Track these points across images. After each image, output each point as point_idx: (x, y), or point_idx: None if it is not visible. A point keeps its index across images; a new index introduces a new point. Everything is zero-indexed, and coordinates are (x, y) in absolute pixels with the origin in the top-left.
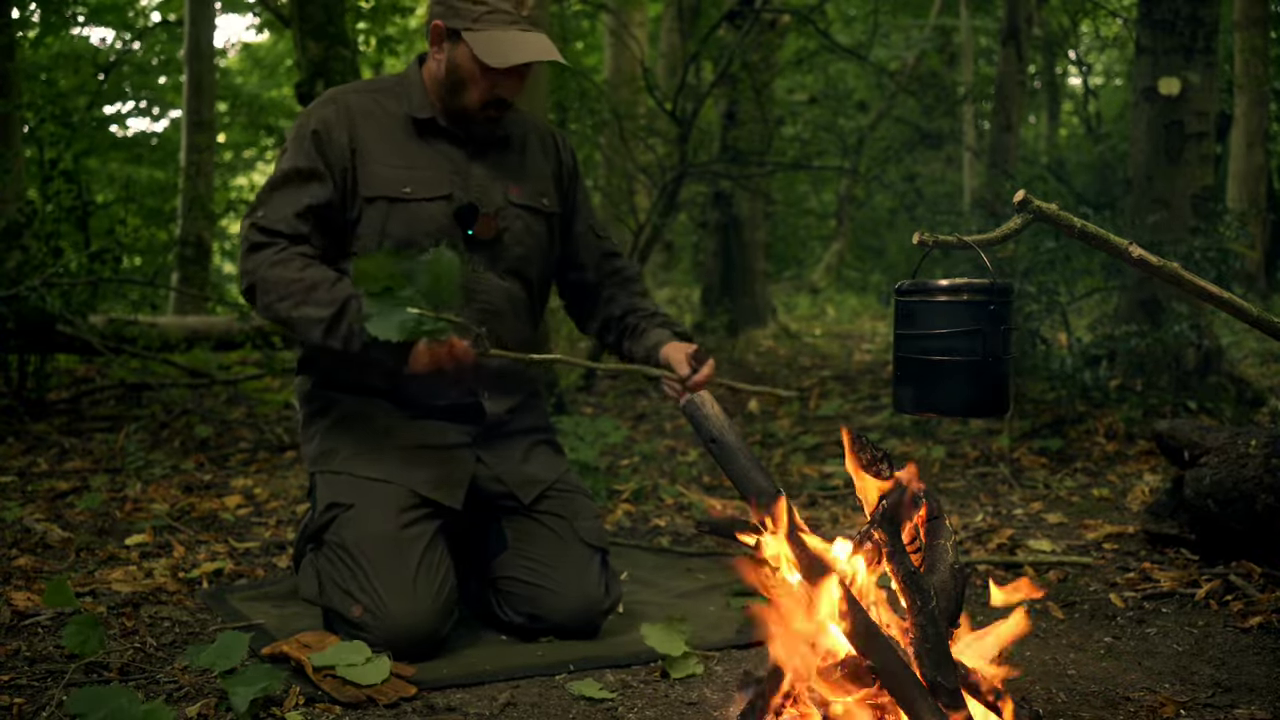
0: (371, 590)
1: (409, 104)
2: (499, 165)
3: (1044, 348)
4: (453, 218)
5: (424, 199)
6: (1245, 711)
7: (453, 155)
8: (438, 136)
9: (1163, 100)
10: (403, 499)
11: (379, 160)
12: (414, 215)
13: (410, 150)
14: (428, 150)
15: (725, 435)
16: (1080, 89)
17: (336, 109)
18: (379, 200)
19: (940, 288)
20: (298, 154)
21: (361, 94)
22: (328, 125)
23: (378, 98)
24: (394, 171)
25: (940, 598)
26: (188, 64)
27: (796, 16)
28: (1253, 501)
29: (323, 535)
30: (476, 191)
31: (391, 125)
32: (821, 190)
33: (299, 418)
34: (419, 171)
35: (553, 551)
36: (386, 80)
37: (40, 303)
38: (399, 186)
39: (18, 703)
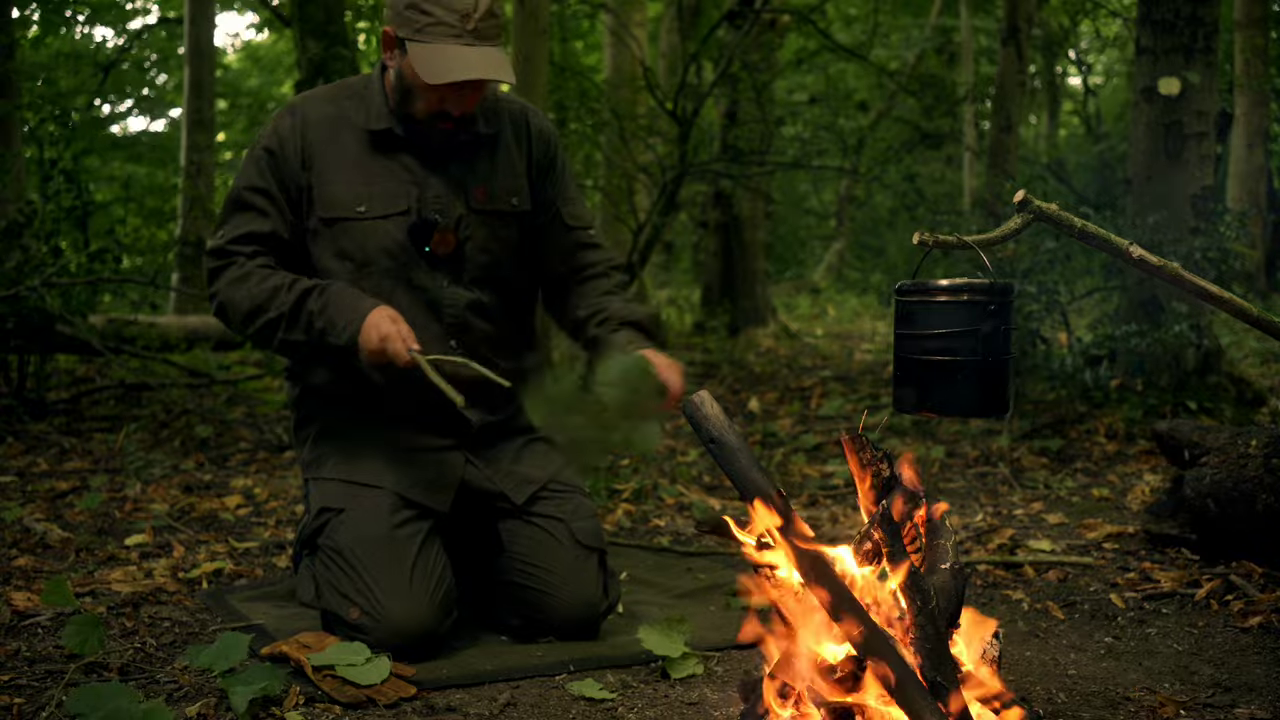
0: (368, 592)
1: (366, 115)
2: (462, 170)
3: (1044, 348)
4: (408, 234)
5: (378, 217)
6: (1245, 711)
7: (411, 166)
8: (395, 147)
9: (1163, 100)
10: (392, 502)
11: (334, 179)
12: (368, 234)
13: (367, 164)
14: (385, 163)
15: (725, 435)
16: (1080, 89)
17: (293, 123)
18: (334, 220)
19: (940, 288)
20: (252, 172)
21: (325, 102)
22: (282, 142)
23: (342, 105)
24: (349, 189)
25: (940, 598)
26: (188, 63)
27: (796, 16)
28: (1253, 501)
29: (316, 540)
30: (435, 203)
31: (350, 138)
32: (821, 190)
33: (291, 420)
34: (376, 186)
35: (549, 554)
36: (356, 83)
37: (40, 303)
38: (353, 205)
39: (18, 703)
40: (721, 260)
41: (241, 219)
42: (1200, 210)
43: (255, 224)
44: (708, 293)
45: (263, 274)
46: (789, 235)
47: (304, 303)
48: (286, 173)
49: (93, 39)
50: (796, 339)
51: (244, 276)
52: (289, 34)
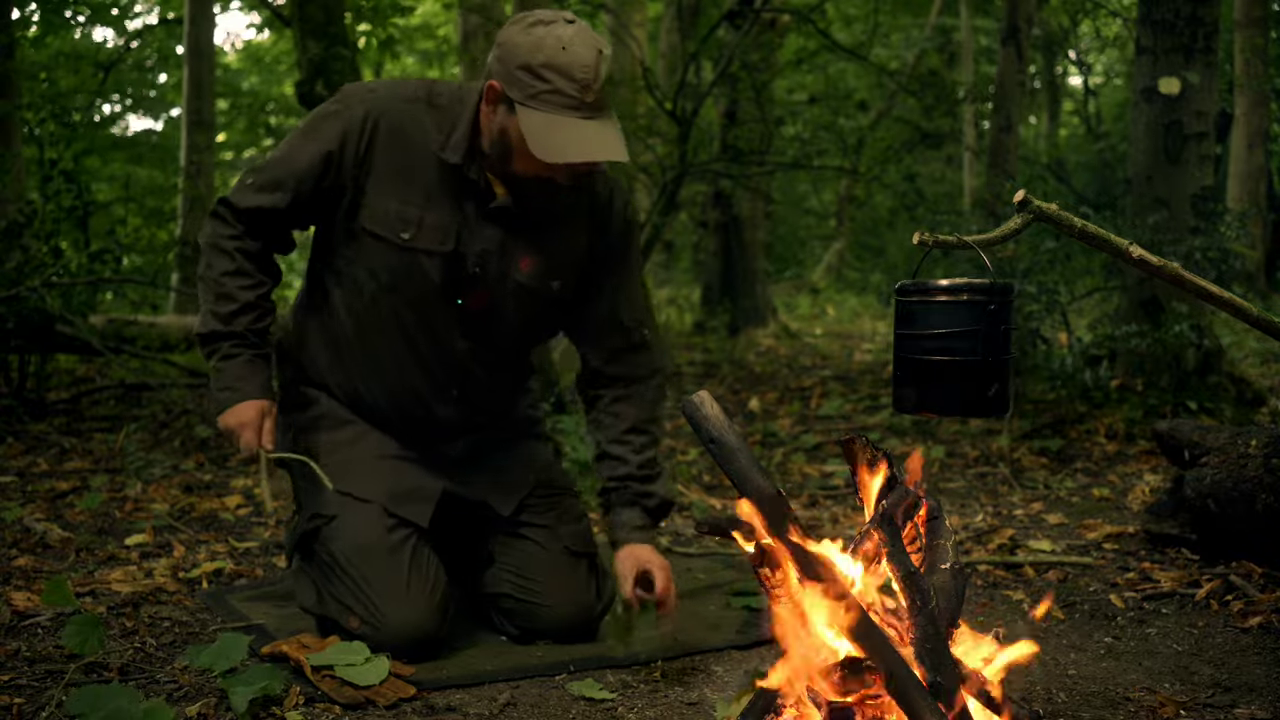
0: (366, 600)
1: (444, 141)
2: (518, 231)
3: (1044, 348)
4: (450, 278)
5: (421, 250)
6: (1245, 711)
7: (469, 209)
8: (463, 183)
9: (1163, 100)
10: (379, 510)
11: (389, 193)
12: (407, 265)
13: (426, 189)
14: (444, 195)
15: (725, 436)
16: (1080, 89)
17: (364, 123)
18: (374, 236)
19: (940, 288)
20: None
21: (405, 106)
22: (344, 142)
23: (421, 116)
24: (399, 208)
25: (940, 598)
26: (187, 63)
27: (796, 16)
28: (1253, 501)
29: (310, 544)
30: (479, 257)
31: (419, 156)
32: (821, 190)
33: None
34: (428, 214)
35: (539, 564)
36: (447, 95)
37: (40, 303)
38: (397, 229)
39: (17, 703)
40: (721, 260)
41: (268, 196)
42: (1200, 210)
43: (277, 202)
44: (708, 292)
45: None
46: (789, 235)
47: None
48: (337, 174)
49: (93, 39)
50: (796, 339)
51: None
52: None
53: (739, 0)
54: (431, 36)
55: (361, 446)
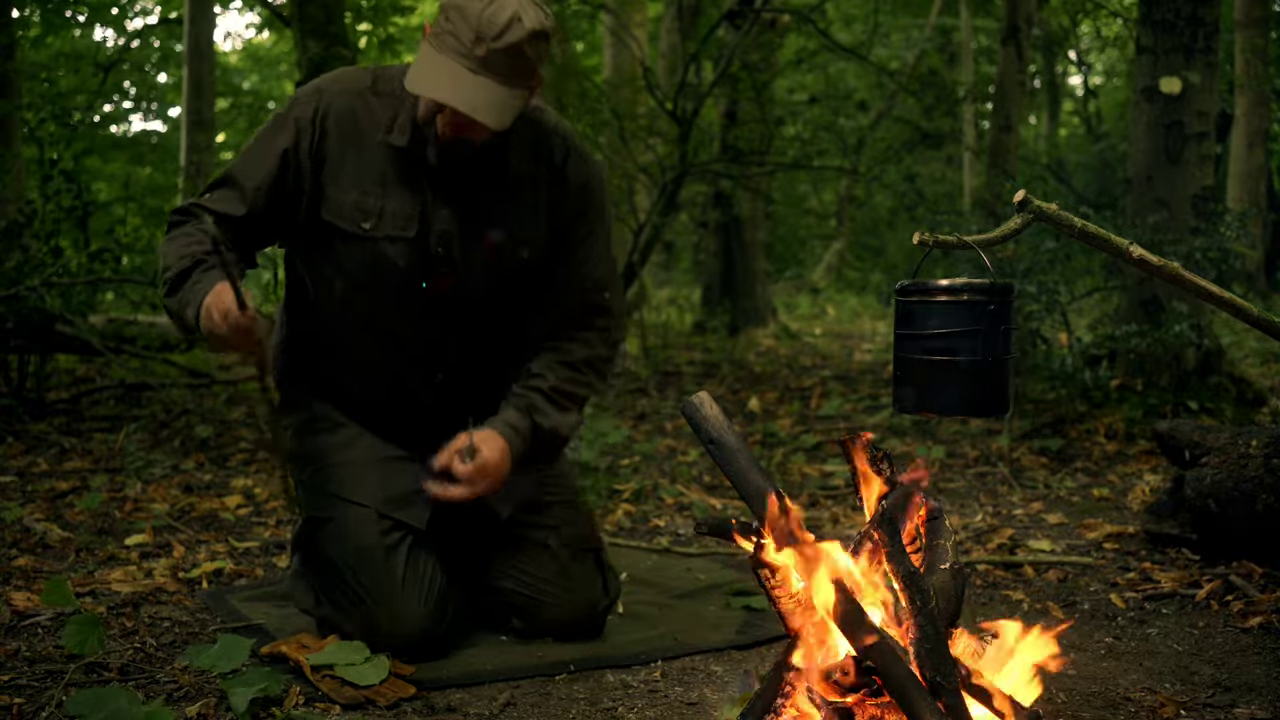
0: (362, 603)
1: (391, 124)
2: (478, 208)
3: (1044, 348)
4: (417, 263)
5: (382, 237)
6: (1245, 711)
7: (425, 190)
8: (414, 166)
9: (1163, 100)
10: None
11: (346, 186)
12: (370, 254)
13: (382, 177)
14: (400, 179)
15: (724, 436)
16: (1080, 89)
17: (314, 116)
18: (336, 230)
19: (940, 288)
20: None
21: (353, 96)
22: (299, 137)
23: (370, 104)
24: (359, 200)
25: (940, 598)
26: (187, 62)
27: (796, 16)
28: (1253, 501)
29: (309, 546)
30: (441, 238)
31: (370, 143)
32: (821, 190)
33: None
34: (388, 203)
35: (544, 561)
36: (390, 78)
37: (40, 302)
38: (359, 221)
39: (17, 703)
40: (721, 260)
41: (223, 196)
42: (1200, 210)
43: (232, 208)
44: (708, 293)
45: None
46: (789, 235)
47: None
48: (296, 173)
49: (93, 39)
50: (796, 339)
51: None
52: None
53: (739, 0)
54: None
55: (357, 449)
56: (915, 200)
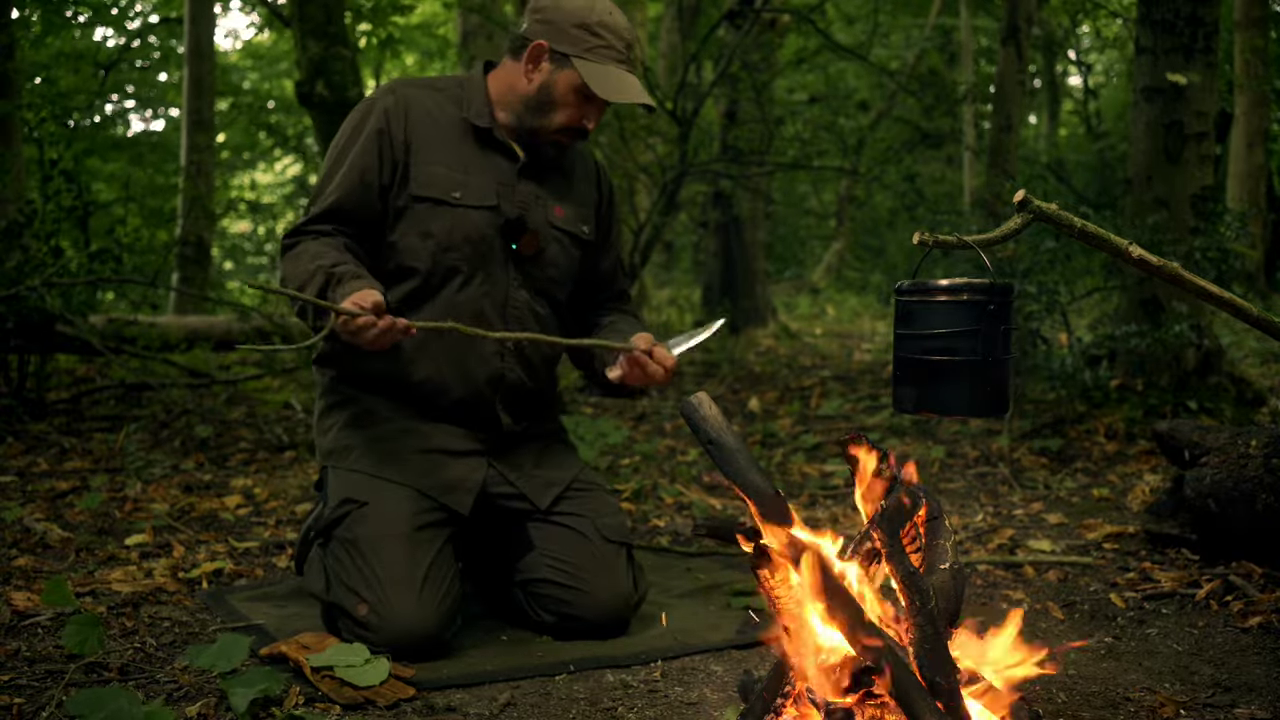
0: (379, 591)
1: (469, 109)
2: (545, 185)
3: (1044, 348)
4: (498, 229)
5: (471, 206)
6: (1245, 711)
7: (502, 168)
8: (491, 147)
9: (1163, 100)
10: (415, 501)
11: (432, 160)
12: (459, 220)
13: (463, 155)
14: (480, 158)
15: (723, 436)
16: (1080, 89)
17: (396, 100)
18: (427, 200)
19: (940, 288)
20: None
21: (422, 90)
22: (389, 120)
23: (436, 98)
24: (446, 173)
25: (940, 598)
26: (188, 62)
27: (796, 16)
28: (1253, 501)
29: (334, 531)
30: (520, 208)
31: (448, 127)
32: (821, 190)
33: (316, 408)
34: (470, 177)
35: (579, 551)
36: (446, 81)
37: (40, 303)
38: (449, 190)
39: (17, 703)
40: (721, 260)
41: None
42: (1200, 210)
43: (345, 201)
44: (708, 293)
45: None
46: (789, 235)
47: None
48: (390, 153)
49: (93, 39)
50: (796, 339)
51: (298, 255)
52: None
53: (739, 0)
54: (432, 36)
55: (404, 441)
56: (915, 200)
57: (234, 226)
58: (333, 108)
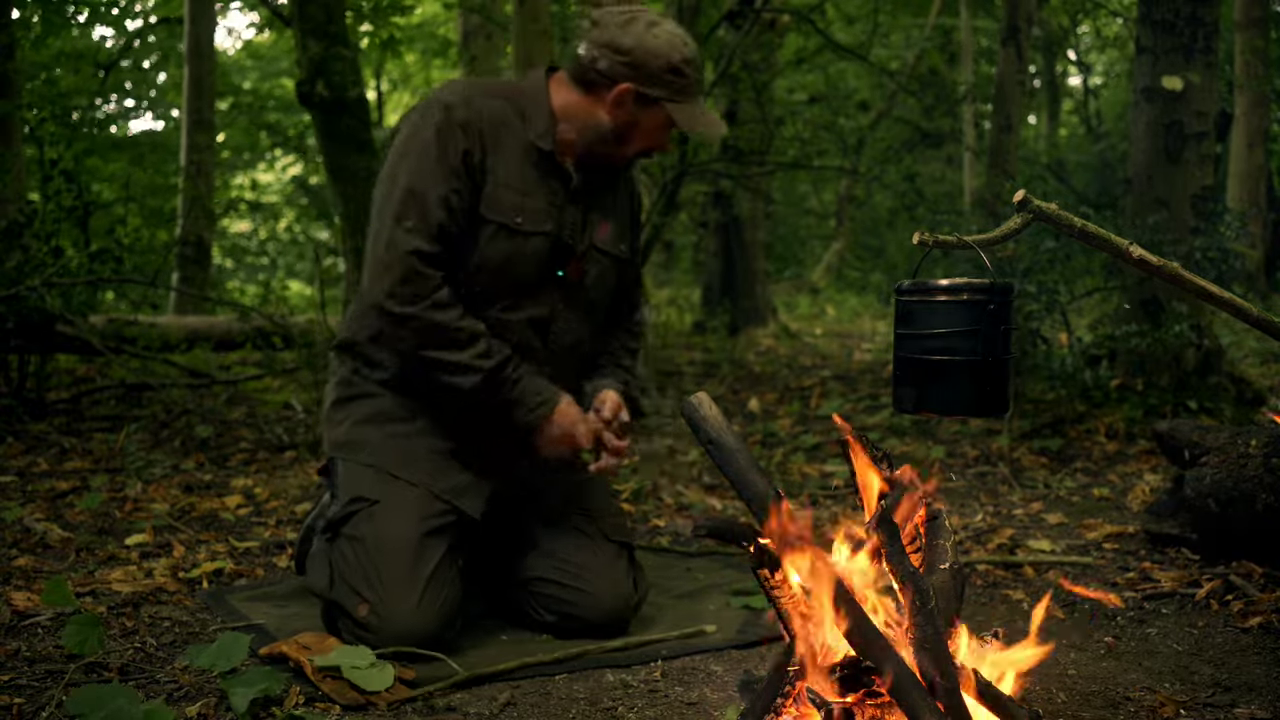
0: (381, 592)
1: (534, 130)
2: (592, 207)
3: (1044, 347)
4: (553, 255)
5: (529, 231)
6: (1245, 711)
7: (555, 190)
8: (549, 169)
9: (1163, 100)
10: (427, 504)
11: (502, 182)
12: (517, 246)
13: (525, 176)
14: (537, 180)
15: (723, 437)
16: (1080, 89)
17: (473, 114)
18: (492, 224)
19: (940, 288)
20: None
21: (494, 99)
22: (469, 139)
23: (506, 112)
24: (511, 197)
25: (940, 598)
26: (188, 62)
27: (796, 16)
28: (1253, 501)
29: (342, 527)
30: (569, 231)
31: (514, 145)
32: (821, 190)
33: (329, 397)
34: (528, 200)
35: (582, 551)
36: (510, 89)
37: (40, 302)
38: (513, 215)
39: (18, 703)
40: (721, 260)
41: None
42: (1200, 210)
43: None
44: (708, 293)
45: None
46: (789, 235)
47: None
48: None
49: (92, 38)
50: (796, 339)
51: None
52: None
53: (739, 0)
54: (432, 36)
55: (420, 441)
56: (915, 200)
57: (234, 226)
58: (332, 107)
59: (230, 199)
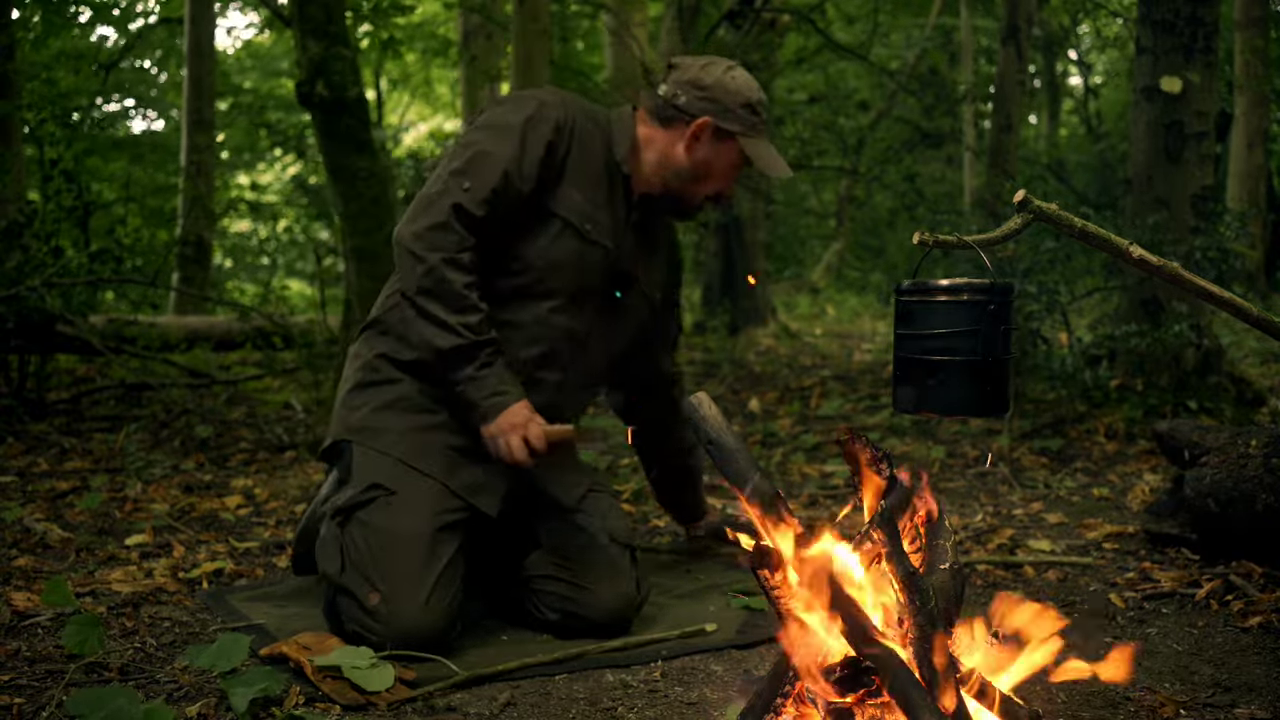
0: (390, 585)
1: (618, 151)
2: (641, 244)
3: (1044, 348)
4: (606, 271)
5: (594, 242)
6: (1245, 711)
7: (619, 216)
8: (619, 193)
9: (1163, 100)
10: (442, 499)
11: (577, 184)
12: (581, 252)
13: (600, 191)
14: (608, 199)
15: (723, 437)
16: (1080, 89)
17: (567, 116)
18: (561, 220)
19: (940, 288)
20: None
21: (585, 115)
22: (559, 134)
23: (594, 128)
24: (583, 204)
25: (940, 598)
26: (188, 63)
27: (796, 16)
28: (1253, 501)
29: (356, 513)
30: (628, 258)
31: (595, 160)
32: (821, 190)
33: (348, 380)
34: (599, 213)
35: (586, 551)
36: (601, 113)
37: (40, 302)
38: (583, 220)
39: (17, 703)
40: (721, 260)
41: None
42: (1200, 210)
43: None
44: (708, 293)
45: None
46: (789, 235)
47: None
48: (549, 168)
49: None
50: (796, 339)
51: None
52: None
53: (739, 0)
54: (432, 36)
55: (438, 435)
56: (915, 200)
57: (234, 226)
58: (332, 107)
59: (230, 199)
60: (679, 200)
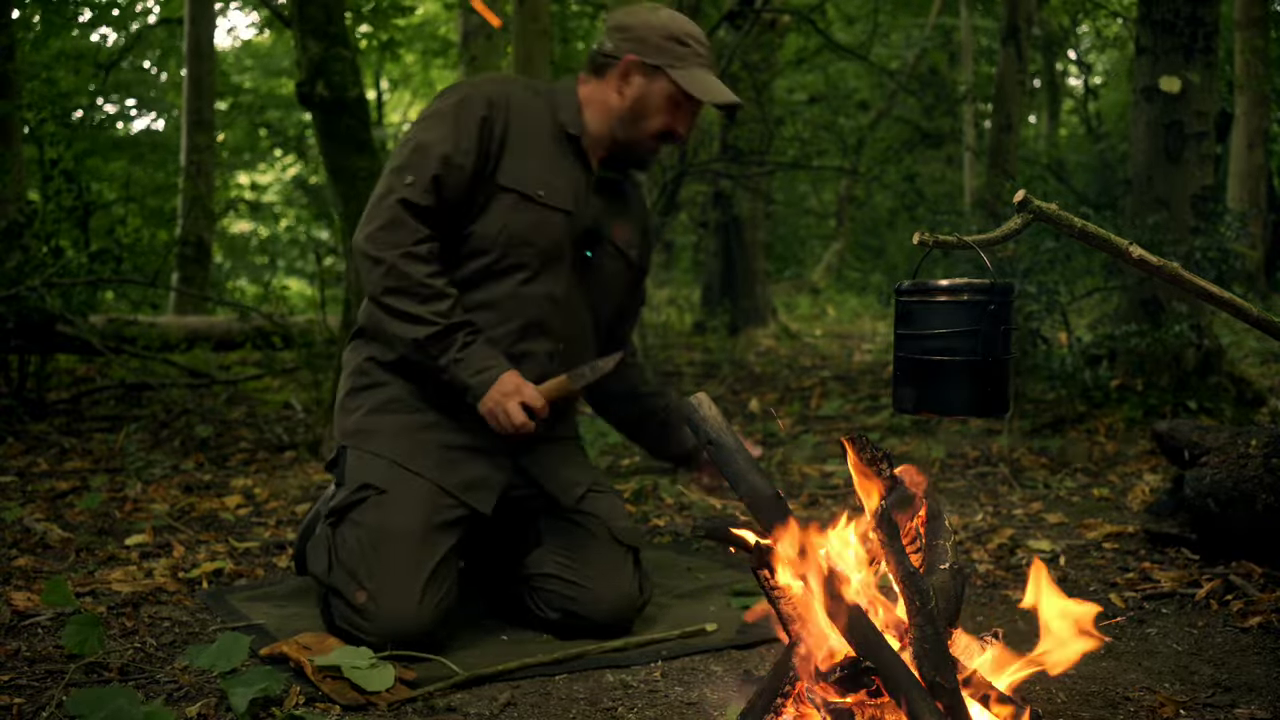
0: (380, 583)
1: (564, 115)
2: (611, 203)
3: (1044, 348)
4: (570, 233)
5: (552, 207)
6: (1245, 711)
7: (580, 179)
8: (574, 155)
9: (1163, 100)
10: (435, 497)
11: (525, 155)
12: (538, 219)
13: (550, 157)
14: (563, 163)
15: (723, 437)
16: (1080, 89)
17: (499, 91)
18: (511, 193)
19: (940, 288)
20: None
21: (521, 88)
22: (492, 109)
23: (533, 99)
24: (535, 171)
25: (940, 598)
26: (188, 63)
27: (796, 16)
28: (1253, 501)
29: (348, 513)
30: (593, 219)
31: (543, 129)
32: (821, 190)
33: (342, 387)
34: (554, 179)
35: (589, 550)
36: (539, 85)
37: (40, 302)
38: (534, 187)
39: (17, 703)
40: (721, 260)
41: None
42: (1200, 210)
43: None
44: (708, 293)
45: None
46: (789, 235)
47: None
48: (488, 143)
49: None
50: (796, 339)
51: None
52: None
53: (739, 0)
54: (432, 36)
55: (431, 434)
56: (915, 200)
57: (234, 226)
58: (332, 108)
59: (230, 199)
60: (630, 148)
